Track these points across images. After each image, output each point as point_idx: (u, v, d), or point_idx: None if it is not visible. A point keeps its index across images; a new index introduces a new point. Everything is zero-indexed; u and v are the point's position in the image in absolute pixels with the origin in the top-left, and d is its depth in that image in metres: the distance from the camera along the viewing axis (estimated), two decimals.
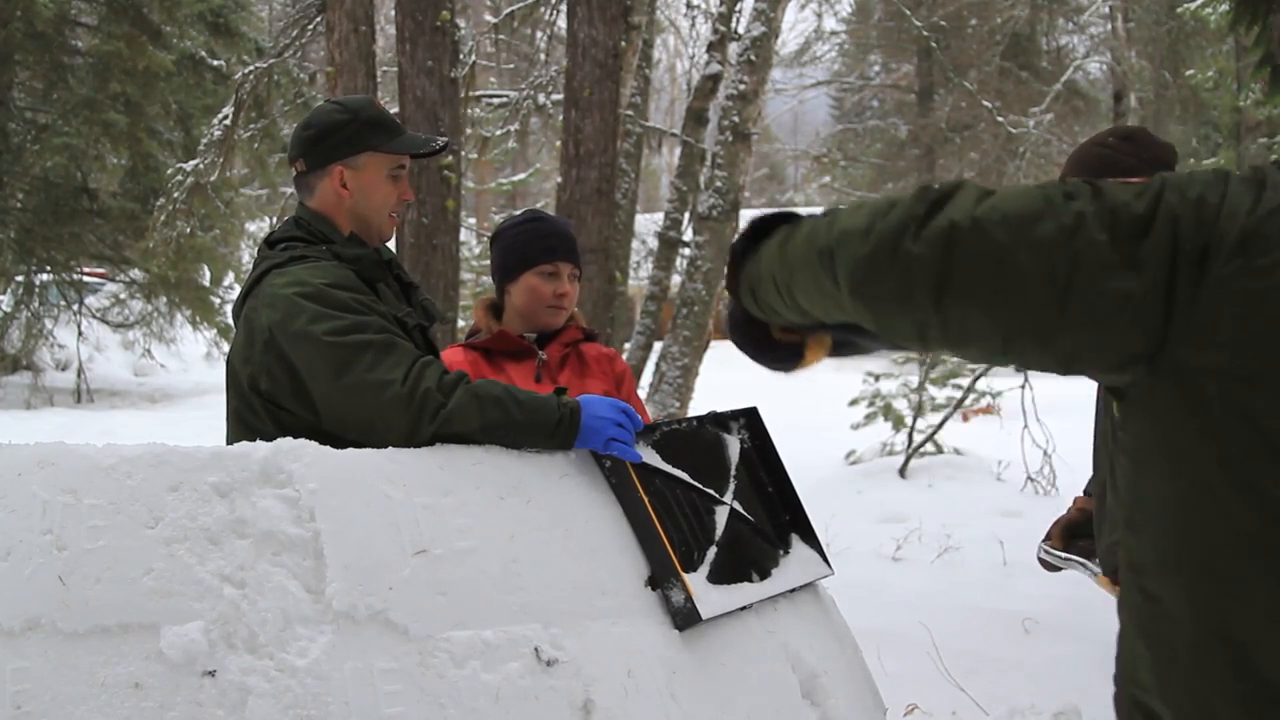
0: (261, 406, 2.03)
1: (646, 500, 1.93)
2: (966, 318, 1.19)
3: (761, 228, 1.48)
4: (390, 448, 1.84)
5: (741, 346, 1.59)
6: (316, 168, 2.18)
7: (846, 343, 1.49)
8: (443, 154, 2.31)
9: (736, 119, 8.48)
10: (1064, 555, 2.85)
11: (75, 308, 14.44)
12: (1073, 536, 2.88)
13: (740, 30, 9.29)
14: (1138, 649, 1.21)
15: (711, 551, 2.02)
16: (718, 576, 1.99)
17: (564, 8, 8.48)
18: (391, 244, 2.38)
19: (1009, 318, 1.17)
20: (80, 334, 14.46)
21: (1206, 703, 1.13)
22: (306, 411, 1.97)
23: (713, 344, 8.60)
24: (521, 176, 17.98)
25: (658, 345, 9.22)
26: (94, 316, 14.97)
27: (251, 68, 8.34)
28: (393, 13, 8.34)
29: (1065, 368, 1.22)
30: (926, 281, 1.18)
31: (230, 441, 2.04)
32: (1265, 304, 1.07)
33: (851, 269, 1.22)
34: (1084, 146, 2.58)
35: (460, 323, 8.51)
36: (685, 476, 2.06)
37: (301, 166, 2.20)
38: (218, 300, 15.07)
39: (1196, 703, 1.14)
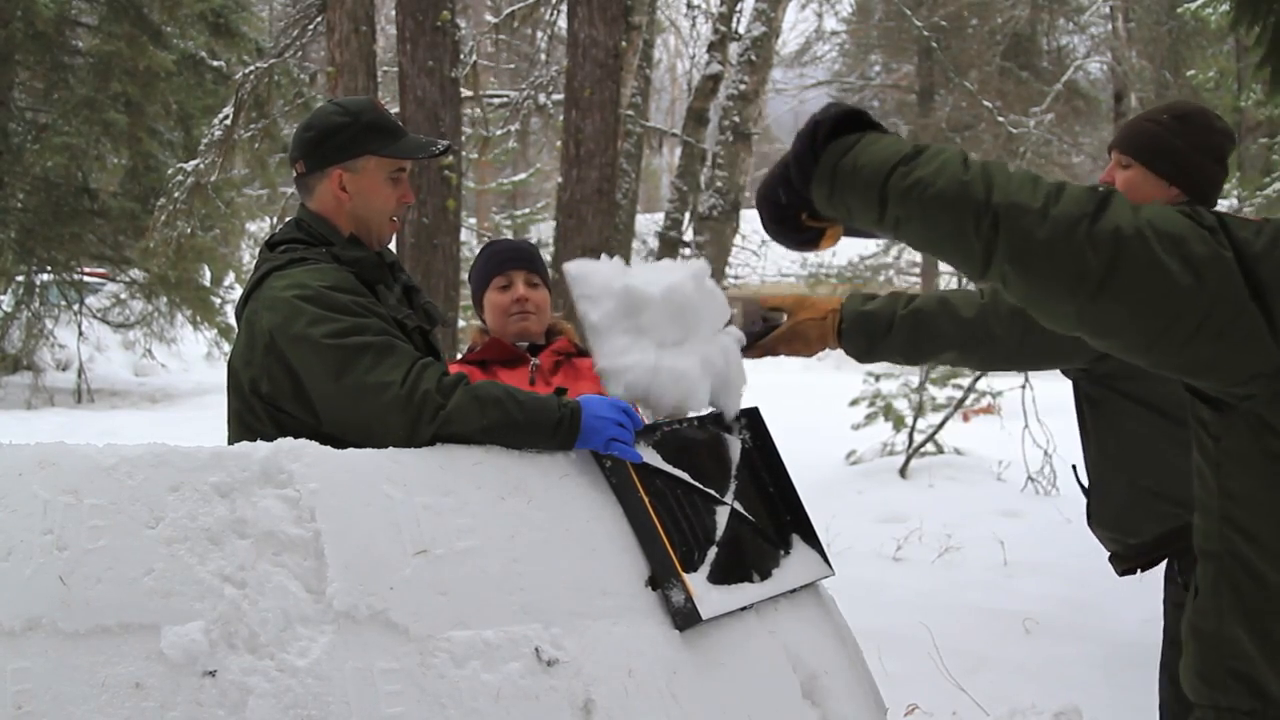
0: (262, 409, 2.03)
1: (647, 500, 1.93)
2: (1118, 314, 1.33)
3: (843, 125, 1.48)
4: (391, 448, 1.85)
5: (769, 222, 1.58)
6: (316, 170, 2.18)
7: (856, 231, 1.57)
8: (444, 157, 2.31)
9: (737, 119, 8.49)
10: None
11: (76, 308, 14.44)
12: None
13: (740, 30, 9.29)
14: (1237, 630, 1.41)
15: (712, 551, 2.02)
16: (718, 577, 1.99)
17: (564, 8, 8.48)
18: (392, 244, 2.38)
19: (1156, 320, 1.32)
20: (81, 334, 14.46)
21: None
22: (307, 414, 1.97)
23: None
24: (522, 176, 17.98)
25: None
26: (94, 316, 14.96)
27: (252, 68, 8.34)
28: (393, 13, 8.34)
29: (1194, 374, 1.40)
30: (1094, 276, 1.30)
31: (231, 443, 2.01)
32: None
33: (1023, 245, 1.32)
34: (1138, 120, 2.48)
35: (461, 323, 8.51)
36: (686, 476, 2.06)
37: (301, 168, 2.20)
38: (218, 300, 15.06)
39: None
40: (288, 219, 2.30)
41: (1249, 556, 1.42)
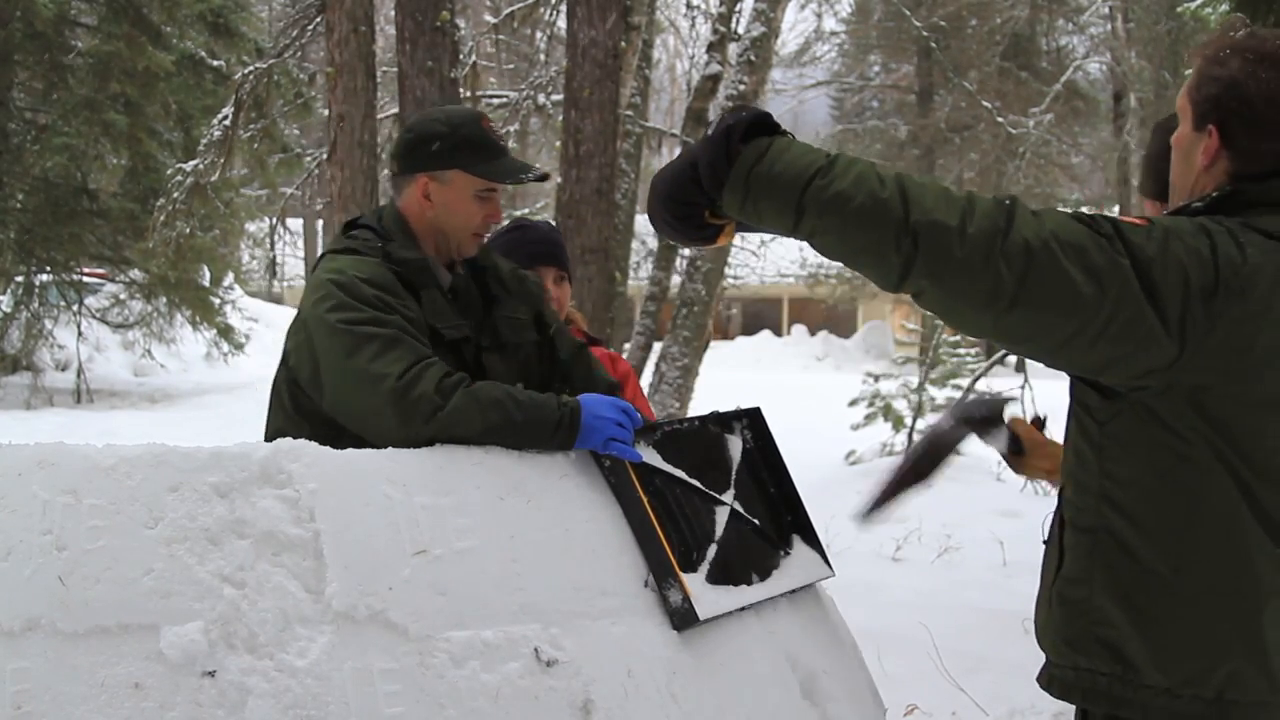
0: (286, 382, 2.11)
1: (645, 500, 1.93)
2: (1030, 323, 1.42)
3: (753, 129, 1.50)
4: (390, 448, 1.85)
5: (672, 220, 1.59)
6: (406, 173, 2.18)
7: (749, 226, 1.62)
8: (537, 182, 2.31)
9: None
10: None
11: (75, 308, 14.42)
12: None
13: (740, 30, 9.29)
14: (1105, 601, 1.54)
15: (711, 551, 2.02)
16: (717, 577, 1.99)
17: (564, 8, 8.48)
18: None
19: (1064, 328, 1.42)
20: (80, 334, 14.45)
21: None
22: (319, 396, 2.01)
23: (712, 344, 8.60)
24: None
25: (657, 345, 9.23)
26: (94, 317, 14.95)
27: (251, 68, 8.34)
28: (393, 13, 8.34)
29: (1096, 372, 1.50)
30: (1008, 289, 1.39)
31: (268, 416, 2.16)
32: (1257, 338, 1.45)
33: (942, 262, 1.40)
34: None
35: None
36: (685, 476, 2.06)
37: (394, 168, 2.21)
38: (218, 300, 15.06)
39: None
40: (381, 205, 2.28)
41: (1125, 535, 1.53)
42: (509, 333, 2.26)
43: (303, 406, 2.07)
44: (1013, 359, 12.61)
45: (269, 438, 2.13)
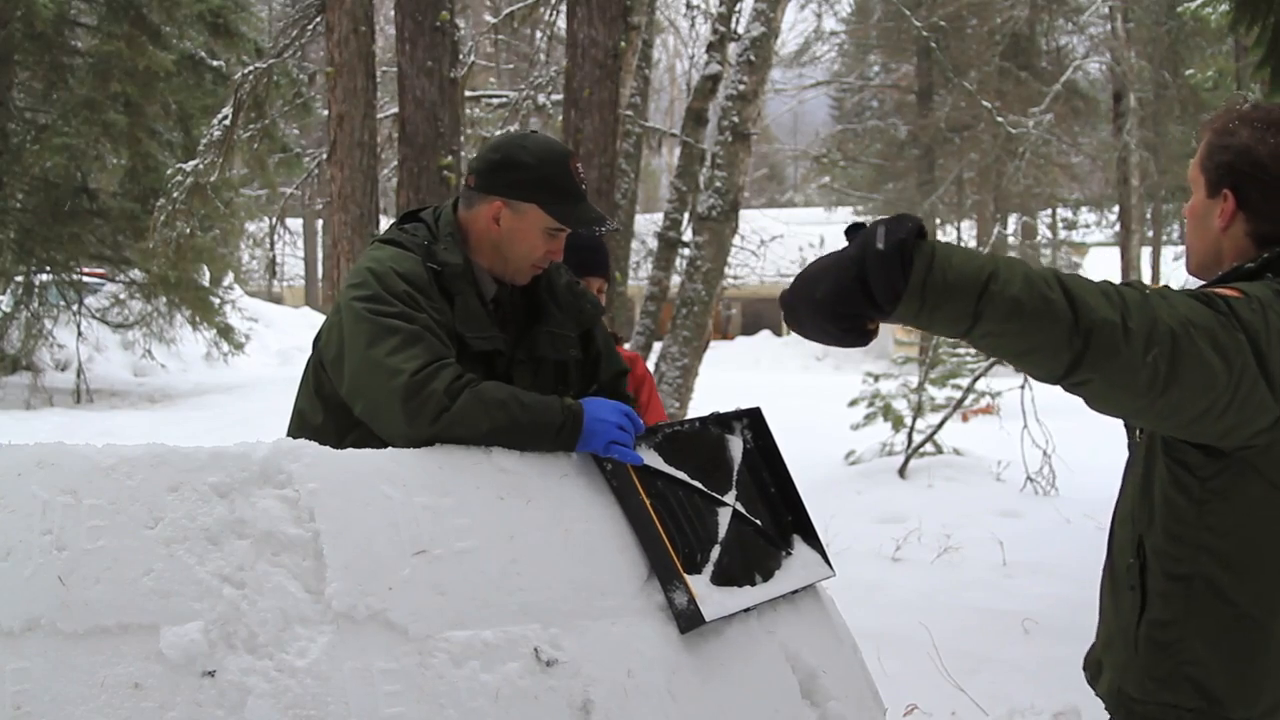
0: (314, 362, 2.14)
1: (648, 503, 1.93)
2: (1178, 404, 1.52)
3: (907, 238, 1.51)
4: (391, 447, 1.85)
5: (830, 330, 1.58)
6: (483, 190, 2.17)
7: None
8: (608, 233, 2.28)
9: (736, 119, 8.48)
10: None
11: (75, 308, 14.42)
12: None
13: (740, 30, 9.29)
14: (1196, 643, 1.66)
15: (714, 553, 2.02)
16: (721, 578, 1.99)
17: (564, 8, 8.48)
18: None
19: (1203, 404, 1.52)
20: (80, 334, 14.44)
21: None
22: (339, 380, 2.03)
23: (712, 344, 8.60)
24: None
25: (657, 345, 9.22)
26: (94, 317, 14.95)
27: (251, 68, 8.34)
28: (393, 13, 8.34)
29: (1221, 438, 1.60)
30: (1161, 378, 1.49)
31: (296, 394, 2.20)
32: None
33: (1109, 358, 1.49)
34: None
35: None
36: (687, 478, 2.06)
37: (472, 182, 2.19)
38: (217, 300, 15.06)
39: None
40: (446, 202, 2.26)
41: (1222, 582, 1.66)
42: (548, 348, 2.23)
43: (323, 388, 2.11)
44: None
45: (293, 416, 2.20)
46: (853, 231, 1.55)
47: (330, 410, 2.09)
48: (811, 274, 1.56)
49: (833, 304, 1.53)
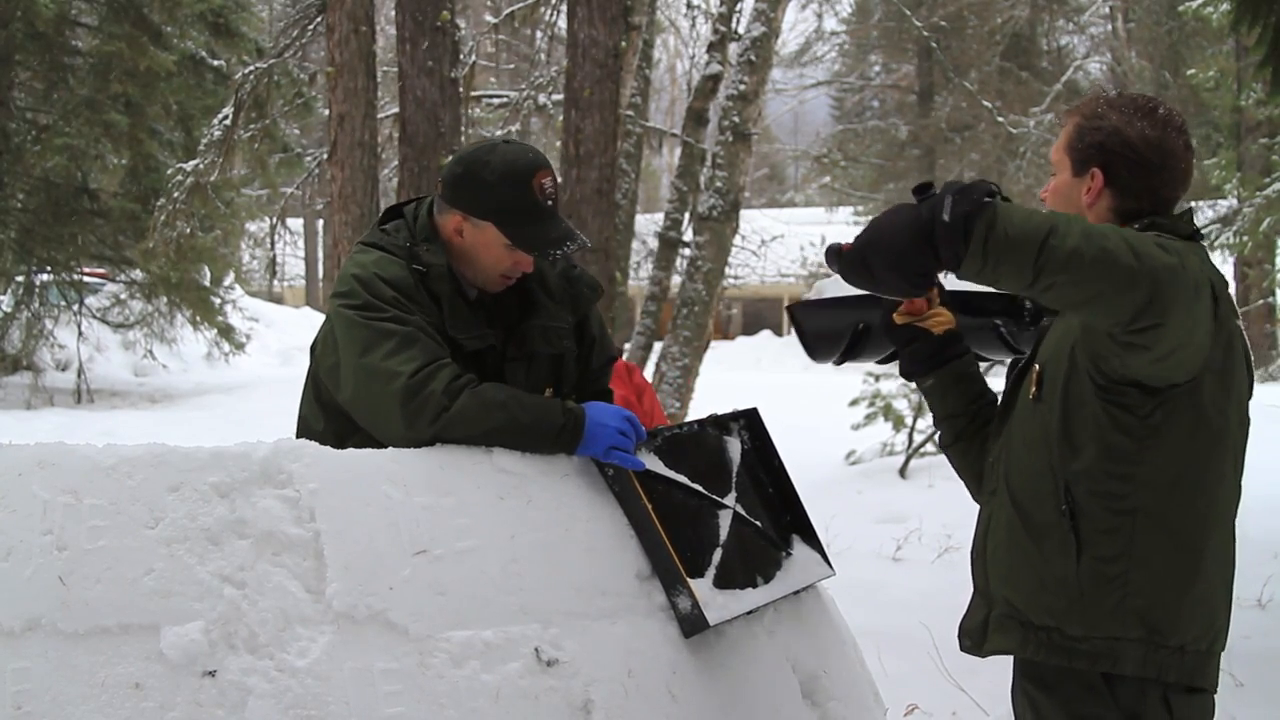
0: (312, 371, 2.14)
1: (650, 508, 1.93)
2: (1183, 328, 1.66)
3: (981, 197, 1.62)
4: (391, 448, 1.85)
5: (899, 284, 1.69)
6: (447, 201, 2.15)
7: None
8: (577, 251, 2.24)
9: (736, 119, 8.49)
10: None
11: (75, 308, 14.41)
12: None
13: (740, 30, 9.29)
14: (1140, 573, 1.74)
15: (716, 555, 2.02)
16: (723, 581, 1.99)
17: (564, 8, 8.48)
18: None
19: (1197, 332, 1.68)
20: (80, 334, 14.43)
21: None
22: (336, 389, 2.03)
23: (712, 344, 8.60)
24: None
25: (658, 345, 9.22)
26: (94, 317, 14.93)
27: (251, 68, 8.34)
28: (393, 13, 8.34)
29: (1190, 371, 1.72)
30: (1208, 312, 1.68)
31: (300, 401, 2.20)
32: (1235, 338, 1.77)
33: (1176, 295, 1.62)
34: None
35: None
36: (687, 481, 2.06)
37: (439, 190, 2.18)
38: (218, 300, 15.05)
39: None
40: (427, 196, 2.24)
41: (1163, 512, 1.74)
42: (540, 343, 2.20)
43: (323, 396, 2.11)
44: (1010, 359, 12.55)
45: (298, 421, 2.20)
46: (920, 191, 1.66)
47: (330, 417, 2.09)
48: (880, 233, 1.67)
49: (904, 264, 1.66)
